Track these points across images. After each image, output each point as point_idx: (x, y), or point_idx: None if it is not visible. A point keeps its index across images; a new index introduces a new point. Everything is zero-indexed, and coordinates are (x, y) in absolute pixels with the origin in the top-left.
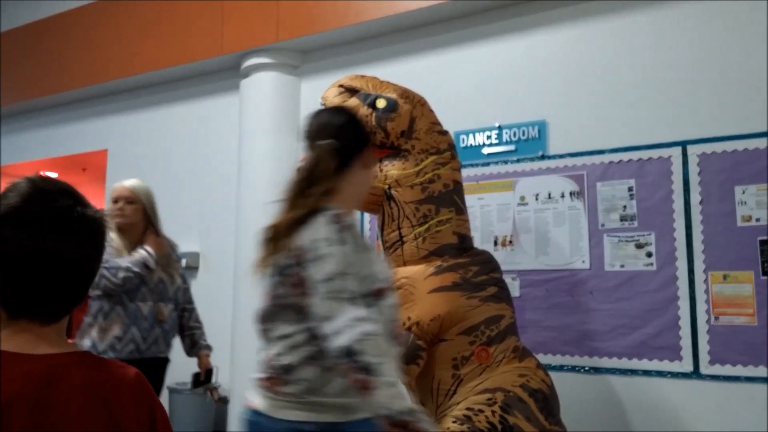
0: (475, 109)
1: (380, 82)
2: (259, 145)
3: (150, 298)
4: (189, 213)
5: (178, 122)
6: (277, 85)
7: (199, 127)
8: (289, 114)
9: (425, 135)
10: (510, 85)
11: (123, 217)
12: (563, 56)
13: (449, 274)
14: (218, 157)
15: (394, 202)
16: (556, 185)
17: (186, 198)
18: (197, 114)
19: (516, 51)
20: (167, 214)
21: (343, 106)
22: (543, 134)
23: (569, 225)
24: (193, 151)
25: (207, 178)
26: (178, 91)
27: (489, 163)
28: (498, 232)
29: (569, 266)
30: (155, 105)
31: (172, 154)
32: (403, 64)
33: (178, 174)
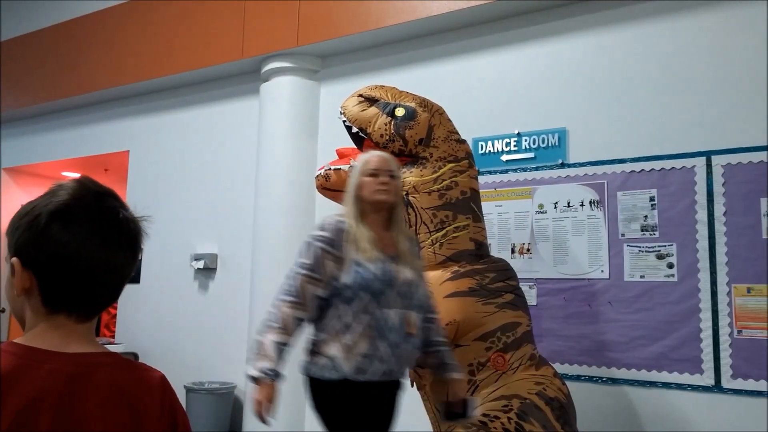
0: (494, 116)
1: (399, 91)
2: (278, 148)
3: (397, 303)
4: (207, 214)
5: (199, 125)
6: (297, 89)
7: (219, 130)
8: (308, 118)
9: (443, 143)
10: (530, 92)
11: (388, 193)
12: (584, 63)
13: (465, 280)
14: (237, 160)
15: (411, 208)
16: (575, 194)
17: (205, 199)
18: (217, 117)
19: (537, 58)
20: (186, 215)
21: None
22: (563, 142)
23: (588, 234)
24: (212, 153)
25: (226, 180)
26: (198, 94)
27: (507, 171)
28: (515, 240)
29: (588, 276)
30: (176, 108)
31: (192, 156)
32: (422, 70)
33: (198, 176)
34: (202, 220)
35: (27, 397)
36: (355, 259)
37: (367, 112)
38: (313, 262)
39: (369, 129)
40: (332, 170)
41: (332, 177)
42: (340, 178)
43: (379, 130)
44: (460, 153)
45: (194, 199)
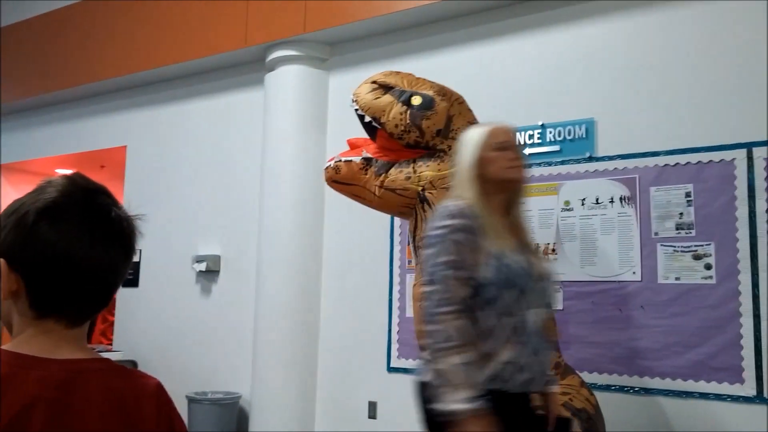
0: (516, 106)
1: (416, 78)
2: (284, 142)
3: (536, 302)
4: (209, 213)
5: (200, 117)
6: (304, 78)
7: (222, 123)
8: (316, 109)
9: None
10: (555, 79)
11: (520, 170)
12: (614, 49)
13: None
14: (241, 155)
15: (428, 204)
16: (604, 189)
17: (207, 197)
18: (220, 109)
19: (562, 43)
20: (187, 215)
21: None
22: (591, 133)
23: (619, 233)
24: (215, 147)
25: (229, 176)
26: (200, 85)
27: (531, 165)
28: (540, 240)
29: (618, 278)
30: (176, 99)
31: (193, 151)
32: (438, 57)
33: (200, 172)
34: (204, 220)
35: (16, 407)
36: (495, 251)
37: (381, 100)
38: (458, 257)
39: (383, 118)
40: (343, 162)
41: (343, 169)
42: (351, 170)
43: (393, 119)
44: None
45: (195, 198)
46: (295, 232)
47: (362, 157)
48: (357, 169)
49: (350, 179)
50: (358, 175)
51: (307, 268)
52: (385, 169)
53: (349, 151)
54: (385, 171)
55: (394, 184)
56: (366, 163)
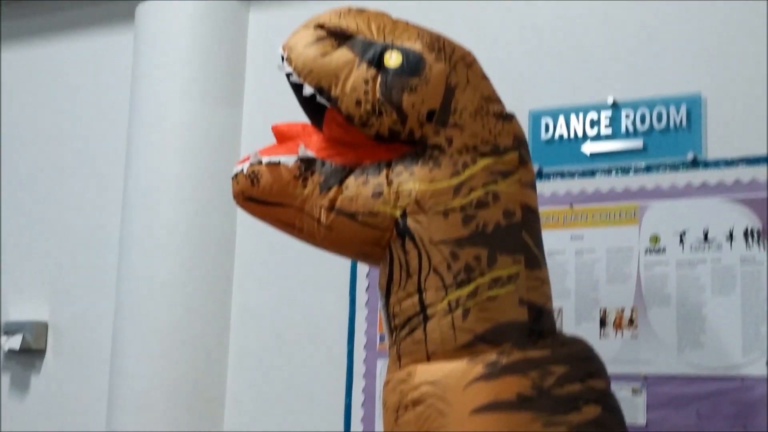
0: (569, 73)
1: (393, 21)
2: (167, 119)
3: None
4: (31, 250)
5: (18, 77)
6: (204, 14)
7: (57, 87)
8: (225, 67)
9: (472, 120)
10: (635, 29)
11: None
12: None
13: (512, 380)
14: (90, 143)
15: (412, 241)
16: (719, 217)
17: (26, 221)
18: (54, 63)
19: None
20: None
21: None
22: (695, 120)
23: (742, 292)
24: (43, 130)
25: (68, 181)
26: (17, 22)
27: (594, 172)
28: (608, 302)
29: (743, 371)
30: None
31: (8, 132)
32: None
33: (18, 173)
34: (20, 260)
35: None
36: None
37: (333, 57)
38: None
39: (335, 90)
40: (264, 165)
41: (263, 177)
42: (279, 179)
43: (354, 92)
44: (503, 139)
45: (5, 217)
46: (181, 281)
47: (299, 158)
48: (289, 179)
49: (276, 195)
50: (291, 189)
51: (203, 344)
52: (339, 178)
53: (275, 146)
54: (338, 182)
55: (354, 206)
56: (305, 167)
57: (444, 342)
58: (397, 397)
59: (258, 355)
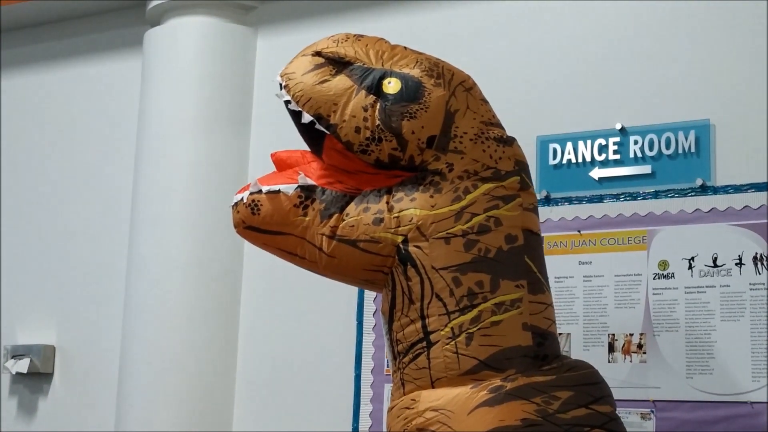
0: (576, 99)
1: (391, 47)
2: (175, 145)
3: None
4: (38, 274)
5: (27, 101)
6: (212, 39)
7: (65, 112)
8: (233, 92)
9: (473, 145)
10: (643, 56)
11: None
12: (744, 6)
13: (516, 405)
14: (98, 169)
15: (413, 267)
16: (727, 242)
17: (34, 246)
18: (63, 88)
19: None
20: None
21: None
22: (705, 146)
23: (751, 319)
24: (51, 154)
25: (75, 207)
26: (27, 48)
27: (603, 198)
28: (617, 328)
29: (750, 397)
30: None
31: (10, 152)
32: (441, 11)
33: (22, 198)
34: (28, 284)
35: None
36: None
37: (331, 84)
38: None
39: (334, 117)
40: (264, 194)
41: (264, 206)
42: (279, 208)
43: (353, 119)
44: (504, 164)
45: (14, 241)
46: (188, 308)
47: (299, 186)
48: (290, 207)
49: (278, 224)
50: (292, 218)
51: (210, 370)
52: (340, 206)
53: (275, 174)
54: (338, 209)
55: (355, 233)
56: (305, 195)
57: (448, 368)
58: (402, 424)
59: (265, 380)
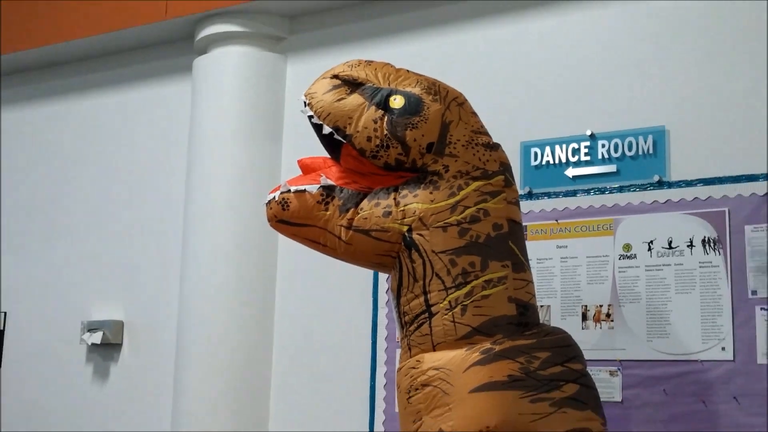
0: (553, 109)
1: (396, 70)
2: (220, 155)
3: None
4: (109, 261)
5: (98, 119)
6: (250, 65)
7: (129, 128)
8: (267, 108)
9: (465, 150)
10: (610, 72)
11: None
12: (695, 30)
13: (503, 364)
14: (157, 174)
15: (417, 252)
16: (680, 228)
17: (106, 238)
18: (127, 108)
19: (620, 20)
20: (76, 263)
21: None
22: (661, 149)
23: (701, 291)
24: (119, 164)
25: (138, 205)
26: (98, 74)
27: (576, 192)
28: (588, 300)
29: (700, 356)
30: (63, 93)
31: (87, 169)
32: (438, 38)
33: (96, 199)
34: (101, 270)
35: None
36: None
37: (346, 102)
38: None
39: (349, 129)
40: (292, 193)
41: (292, 203)
42: (305, 204)
43: (365, 130)
44: (491, 165)
45: (88, 238)
46: (233, 288)
47: (321, 186)
48: (313, 203)
49: (304, 218)
50: (315, 212)
51: (251, 343)
52: (355, 201)
53: (301, 176)
54: (354, 205)
55: (368, 224)
56: (326, 193)
57: (446, 334)
58: (408, 381)
59: (297, 348)
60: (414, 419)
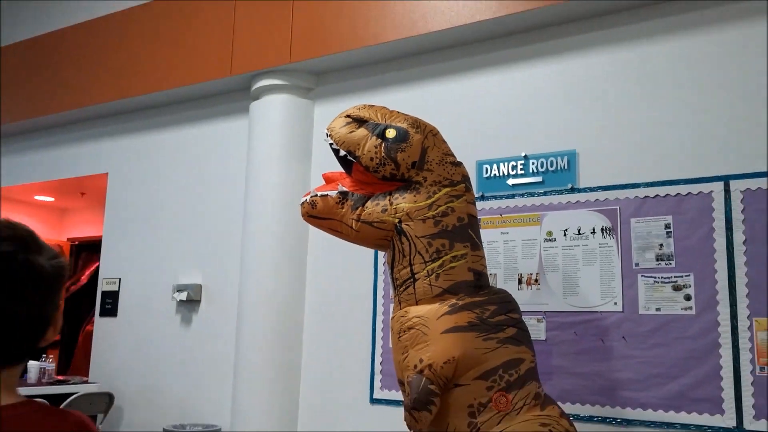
0: (499, 138)
1: (389, 111)
2: (268, 171)
3: None
4: (191, 242)
5: (184, 146)
6: (289, 108)
7: (206, 152)
8: (301, 139)
9: (438, 166)
10: (537, 112)
11: None
12: (596, 82)
13: (464, 314)
14: (225, 184)
15: (405, 236)
16: (586, 220)
17: (189, 226)
18: (204, 137)
19: (544, 76)
20: (168, 242)
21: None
22: (573, 165)
23: (600, 264)
24: (198, 176)
25: (212, 205)
26: (184, 113)
27: (514, 195)
28: (522, 270)
29: (600, 308)
30: (160, 127)
31: (176, 180)
32: (423, 88)
33: (181, 200)
34: (186, 248)
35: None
36: None
37: (356, 134)
38: None
39: (358, 152)
40: (319, 196)
41: (318, 204)
42: (327, 205)
43: (368, 153)
44: (456, 176)
45: (177, 225)
46: (277, 262)
47: (338, 191)
48: (333, 204)
49: (326, 213)
50: (335, 210)
51: (290, 299)
52: (362, 202)
53: (324, 185)
54: (361, 204)
55: (371, 217)
56: (342, 197)
57: (425, 293)
58: (398, 325)
59: (321, 303)
60: (402, 352)
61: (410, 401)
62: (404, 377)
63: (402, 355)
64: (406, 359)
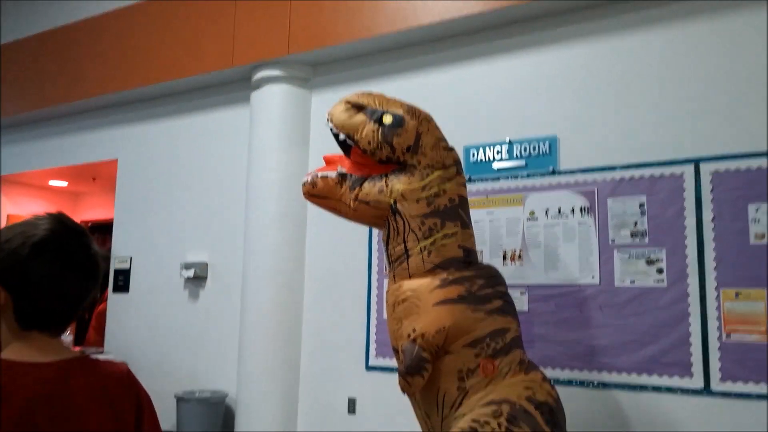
0: (485, 124)
1: (387, 98)
2: (269, 157)
3: None
4: (198, 223)
5: (189, 133)
6: (288, 97)
7: (209, 139)
8: (299, 126)
9: (431, 150)
10: (521, 100)
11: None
12: (574, 72)
13: (455, 287)
14: (228, 168)
15: (399, 216)
16: (566, 201)
17: (195, 208)
18: (207, 125)
19: (527, 66)
20: (176, 224)
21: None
22: (554, 150)
23: (579, 240)
24: (203, 161)
25: (216, 188)
26: (188, 103)
27: (499, 178)
28: (507, 247)
29: (579, 282)
30: (166, 116)
31: (182, 165)
32: (414, 79)
33: (188, 184)
34: (192, 229)
35: (21, 403)
36: None
37: (355, 119)
38: None
39: (356, 136)
40: (319, 177)
41: (319, 184)
42: (327, 185)
43: (366, 137)
44: (448, 160)
45: (184, 207)
46: (278, 241)
47: (337, 173)
48: (333, 184)
49: (326, 193)
50: (334, 190)
51: (290, 275)
52: (359, 183)
53: (325, 167)
54: (359, 185)
55: (368, 197)
56: (341, 178)
57: (418, 268)
58: (393, 298)
59: (320, 279)
60: (397, 322)
61: (404, 367)
62: (398, 345)
63: (396, 325)
64: (400, 329)
